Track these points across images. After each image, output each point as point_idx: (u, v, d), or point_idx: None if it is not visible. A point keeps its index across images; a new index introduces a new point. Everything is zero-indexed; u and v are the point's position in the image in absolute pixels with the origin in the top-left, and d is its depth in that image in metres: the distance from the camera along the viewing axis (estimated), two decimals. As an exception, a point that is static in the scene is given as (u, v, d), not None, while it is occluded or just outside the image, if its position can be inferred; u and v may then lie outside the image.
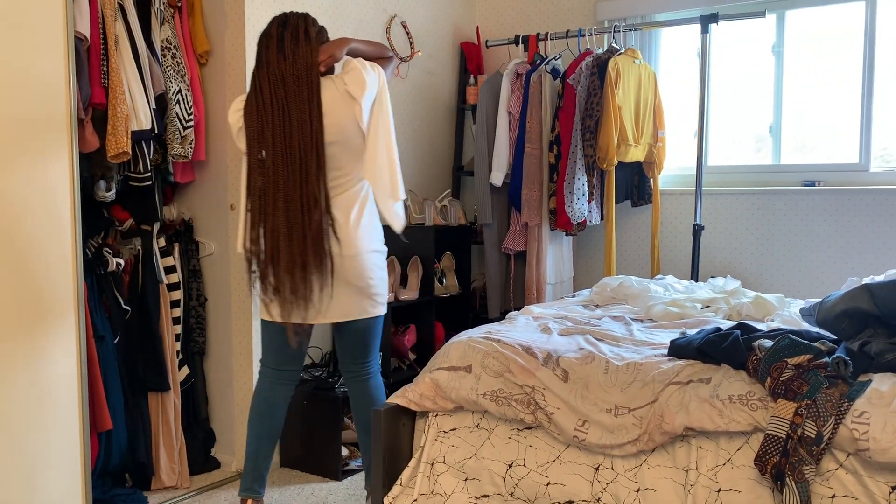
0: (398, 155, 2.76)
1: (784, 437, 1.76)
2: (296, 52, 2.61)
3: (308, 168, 2.59)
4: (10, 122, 2.60)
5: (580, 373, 2.13)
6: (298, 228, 2.59)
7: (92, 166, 3.07)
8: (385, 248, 2.83)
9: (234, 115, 2.73)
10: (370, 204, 2.77)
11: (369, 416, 2.84)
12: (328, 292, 2.64)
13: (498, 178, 4.04)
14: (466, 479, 2.24)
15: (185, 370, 3.46)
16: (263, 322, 2.81)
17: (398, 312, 3.99)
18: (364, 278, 2.71)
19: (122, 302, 3.22)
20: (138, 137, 3.04)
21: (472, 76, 4.63)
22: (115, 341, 3.18)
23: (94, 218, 3.16)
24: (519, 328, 2.53)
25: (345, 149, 2.66)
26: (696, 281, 3.78)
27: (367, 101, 2.67)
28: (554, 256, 4.10)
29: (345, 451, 3.47)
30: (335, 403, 3.38)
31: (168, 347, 3.34)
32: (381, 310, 2.81)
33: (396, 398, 2.37)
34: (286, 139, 2.58)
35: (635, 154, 3.94)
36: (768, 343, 1.94)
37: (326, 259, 2.62)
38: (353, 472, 3.44)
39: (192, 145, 3.29)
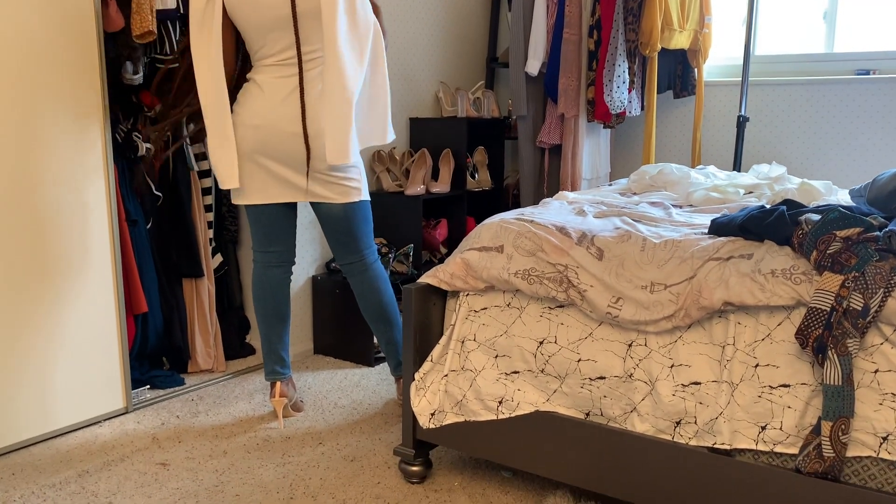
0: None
1: (828, 309, 1.70)
2: None
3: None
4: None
5: (615, 251, 2.07)
6: None
7: (118, 47, 3.01)
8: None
9: None
10: None
11: (375, 306, 2.86)
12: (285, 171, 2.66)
13: (534, 66, 3.91)
14: (497, 356, 2.22)
15: (219, 258, 3.47)
16: (245, 207, 2.84)
17: (430, 205, 3.95)
18: (326, 160, 2.63)
19: (153, 187, 3.21)
20: (163, 17, 2.96)
21: (509, -39, 4.46)
22: (148, 227, 3.18)
23: (122, 103, 3.12)
24: (553, 211, 2.47)
25: (318, 22, 2.56)
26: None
27: None
28: (590, 150, 4.00)
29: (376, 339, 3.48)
30: (367, 292, 3.37)
31: (201, 234, 3.34)
32: (356, 196, 2.73)
33: (427, 278, 2.34)
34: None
35: (680, 41, 3.77)
36: (816, 217, 1.86)
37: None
38: (384, 359, 3.46)
39: (220, 27, 3.20)
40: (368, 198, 2.80)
